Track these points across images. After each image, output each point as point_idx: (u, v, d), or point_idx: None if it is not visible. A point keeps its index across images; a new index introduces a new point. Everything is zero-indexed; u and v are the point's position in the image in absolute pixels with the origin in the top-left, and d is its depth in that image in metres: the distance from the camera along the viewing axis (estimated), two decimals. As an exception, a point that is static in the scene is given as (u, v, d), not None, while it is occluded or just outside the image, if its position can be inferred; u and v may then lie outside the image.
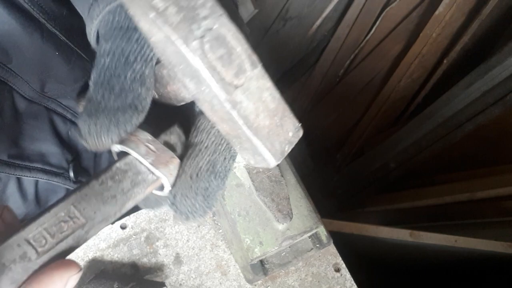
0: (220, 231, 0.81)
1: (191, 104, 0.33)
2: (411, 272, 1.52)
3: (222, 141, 0.32)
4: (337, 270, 0.78)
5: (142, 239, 0.79)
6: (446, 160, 1.81)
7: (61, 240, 0.24)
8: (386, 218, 1.82)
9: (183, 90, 0.31)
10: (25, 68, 0.48)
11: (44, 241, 0.23)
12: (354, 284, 0.77)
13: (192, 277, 0.77)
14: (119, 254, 0.78)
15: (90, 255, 0.77)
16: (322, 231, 0.72)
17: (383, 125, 2.05)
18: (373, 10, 1.79)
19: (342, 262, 0.78)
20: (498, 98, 1.48)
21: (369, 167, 1.98)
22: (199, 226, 0.81)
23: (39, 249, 0.23)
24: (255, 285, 0.77)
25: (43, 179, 0.56)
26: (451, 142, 1.68)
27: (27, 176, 0.53)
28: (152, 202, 0.33)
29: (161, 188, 0.30)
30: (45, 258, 0.23)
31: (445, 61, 1.74)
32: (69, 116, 0.58)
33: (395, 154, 1.86)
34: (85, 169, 0.65)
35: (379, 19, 1.80)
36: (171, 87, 0.31)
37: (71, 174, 0.61)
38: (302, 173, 0.74)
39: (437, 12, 1.60)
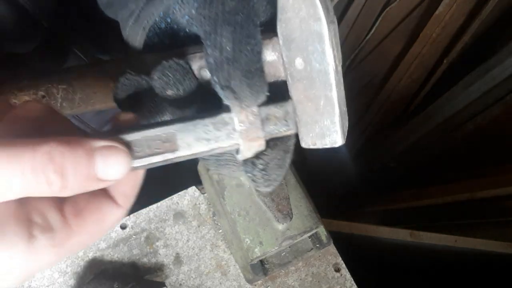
0: (220, 231, 0.81)
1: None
2: (411, 272, 1.52)
3: None
4: (337, 270, 0.78)
5: (142, 239, 0.79)
6: (446, 160, 1.81)
7: (153, 155, 0.27)
8: (386, 218, 1.82)
9: (279, 70, 0.34)
10: None
11: (140, 149, 0.27)
12: (354, 284, 0.77)
13: (192, 277, 0.77)
14: (119, 254, 0.78)
15: (90, 255, 0.77)
16: (322, 231, 0.72)
17: (383, 125, 2.05)
18: (373, 10, 1.79)
19: (342, 262, 0.78)
20: (498, 98, 1.49)
21: (369, 167, 1.98)
22: (199, 226, 0.81)
23: (135, 154, 0.27)
24: (255, 285, 0.77)
25: None
26: (451, 142, 1.68)
27: None
28: (223, 161, 0.35)
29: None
30: (136, 163, 0.27)
31: (445, 61, 1.74)
32: None
33: (395, 154, 1.86)
34: None
35: (379, 19, 1.80)
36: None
37: None
38: (302, 173, 0.74)
39: (437, 12, 1.60)
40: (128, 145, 0.26)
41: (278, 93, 0.34)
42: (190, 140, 0.29)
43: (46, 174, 0.22)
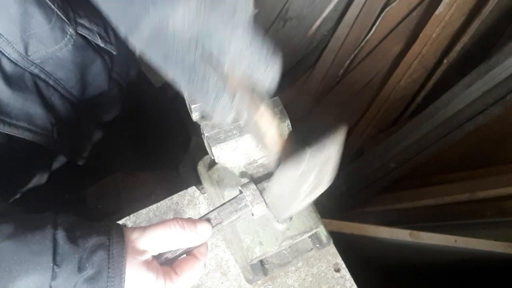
0: (220, 231, 0.81)
1: None
2: (411, 272, 1.52)
3: None
4: (337, 270, 0.78)
5: (142, 239, 0.79)
6: (446, 160, 1.81)
7: (214, 225, 0.50)
8: (386, 218, 1.82)
9: None
10: (8, 27, 0.50)
11: (212, 221, 0.51)
12: (354, 284, 0.77)
13: (192, 277, 0.77)
14: (119, 254, 0.77)
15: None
16: (322, 231, 0.72)
17: (383, 125, 2.05)
18: (373, 10, 1.79)
19: (342, 262, 0.78)
20: (498, 98, 1.48)
21: (369, 167, 1.98)
22: (199, 226, 0.81)
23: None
24: (255, 285, 0.77)
25: (29, 138, 0.59)
26: (451, 142, 1.68)
27: (14, 134, 0.56)
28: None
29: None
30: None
31: (445, 61, 1.74)
32: (51, 82, 0.60)
33: (395, 154, 1.86)
34: (69, 133, 0.66)
35: (379, 19, 1.80)
36: None
37: (55, 135, 0.63)
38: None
39: (437, 12, 1.60)
40: (208, 220, 0.51)
41: None
42: (226, 214, 0.52)
43: (175, 228, 0.47)
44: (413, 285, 1.52)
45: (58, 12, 0.53)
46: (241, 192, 0.53)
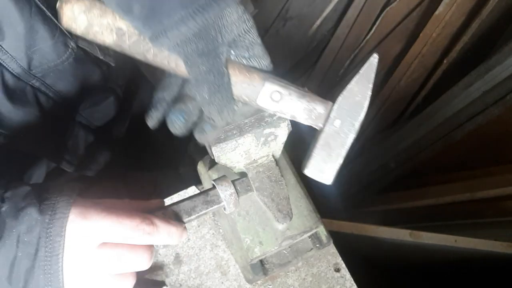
0: (220, 231, 0.81)
1: None
2: (411, 272, 1.52)
3: None
4: (337, 270, 0.78)
5: (142, 239, 0.79)
6: (446, 160, 1.81)
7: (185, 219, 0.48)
8: (386, 218, 1.83)
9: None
10: (14, 44, 0.51)
11: (180, 215, 0.49)
12: (354, 284, 0.77)
13: (192, 277, 0.77)
14: (119, 254, 0.77)
15: (90, 255, 0.77)
16: (322, 231, 0.72)
17: (383, 125, 2.05)
18: (373, 10, 1.79)
19: (342, 262, 0.78)
20: (498, 98, 1.49)
21: (369, 167, 1.98)
22: (199, 226, 0.81)
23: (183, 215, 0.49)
24: (255, 285, 0.77)
25: (27, 150, 0.59)
26: (451, 142, 1.68)
27: (13, 146, 0.57)
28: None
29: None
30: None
31: (445, 61, 1.74)
32: (51, 94, 0.61)
33: (395, 154, 1.86)
34: (65, 144, 0.67)
35: (379, 19, 1.80)
36: None
37: (52, 146, 0.64)
38: (302, 173, 0.74)
39: (437, 12, 1.60)
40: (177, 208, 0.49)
41: None
42: (197, 205, 0.50)
43: (142, 229, 0.43)
44: (413, 285, 1.52)
45: (61, 27, 0.54)
46: (214, 187, 0.52)
